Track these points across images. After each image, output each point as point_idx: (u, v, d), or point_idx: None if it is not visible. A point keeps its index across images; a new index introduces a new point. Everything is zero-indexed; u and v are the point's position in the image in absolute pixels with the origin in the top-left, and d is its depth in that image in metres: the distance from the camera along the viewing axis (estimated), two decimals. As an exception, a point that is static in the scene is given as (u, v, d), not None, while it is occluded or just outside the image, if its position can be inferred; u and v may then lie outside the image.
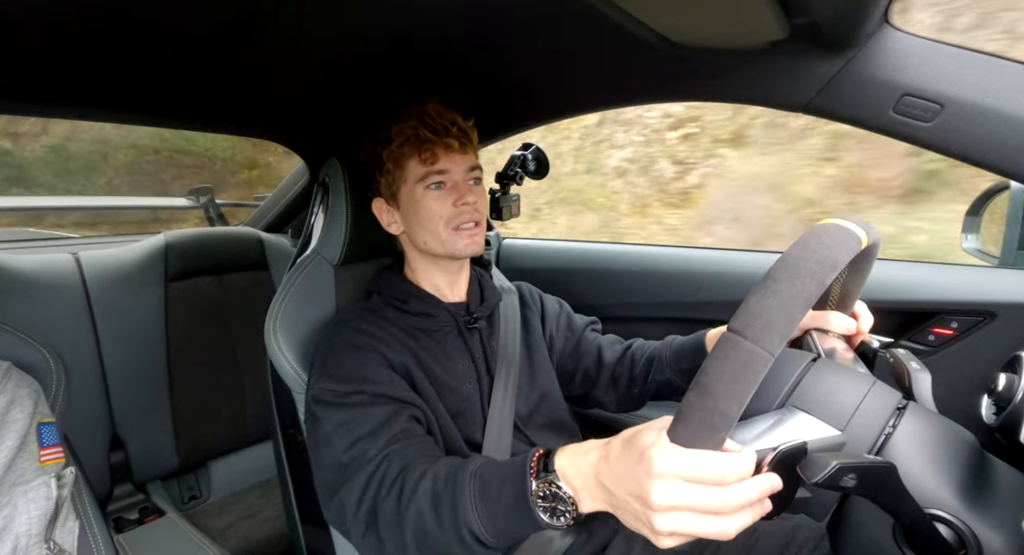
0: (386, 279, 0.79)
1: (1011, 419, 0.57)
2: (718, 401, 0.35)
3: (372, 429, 0.62)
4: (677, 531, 0.38)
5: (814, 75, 0.66)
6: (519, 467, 0.50)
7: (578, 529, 0.73)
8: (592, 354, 0.85)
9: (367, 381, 0.65)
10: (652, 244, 1.36)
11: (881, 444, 0.44)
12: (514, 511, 0.49)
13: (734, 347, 0.34)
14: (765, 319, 0.34)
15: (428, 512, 0.53)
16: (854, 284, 0.54)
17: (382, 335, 0.70)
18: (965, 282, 0.88)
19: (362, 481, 0.58)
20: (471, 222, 0.73)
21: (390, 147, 0.73)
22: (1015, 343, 0.77)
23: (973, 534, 0.40)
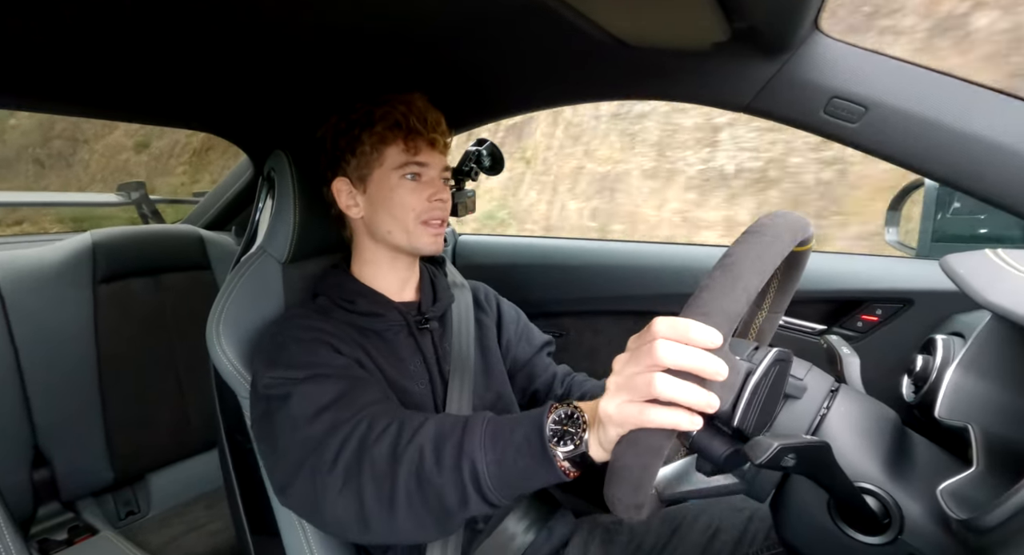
0: (332, 279, 0.77)
1: (928, 397, 0.62)
2: (743, 273, 0.38)
3: (339, 396, 0.59)
4: (674, 397, 0.38)
5: (753, 77, 0.70)
6: (539, 409, 0.50)
7: (538, 527, 0.73)
8: (546, 381, 0.84)
9: (323, 366, 0.63)
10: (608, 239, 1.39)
11: (817, 425, 0.47)
12: (525, 446, 0.48)
13: (757, 237, 0.40)
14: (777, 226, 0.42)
15: (429, 453, 0.51)
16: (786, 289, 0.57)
17: (332, 330, 0.68)
18: (887, 272, 0.96)
19: (339, 439, 0.55)
20: (440, 219, 0.73)
21: (372, 129, 0.71)
22: (931, 327, 0.84)
23: (896, 504, 0.43)
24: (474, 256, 1.42)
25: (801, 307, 1.01)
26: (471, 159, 1.23)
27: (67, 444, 1.14)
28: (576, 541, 0.75)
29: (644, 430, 0.39)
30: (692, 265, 1.14)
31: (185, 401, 1.33)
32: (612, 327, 1.22)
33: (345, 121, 0.73)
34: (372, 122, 0.71)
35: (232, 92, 0.91)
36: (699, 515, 0.73)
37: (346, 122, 0.73)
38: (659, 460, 0.39)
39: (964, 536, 0.38)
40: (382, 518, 0.52)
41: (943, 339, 0.69)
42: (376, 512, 0.52)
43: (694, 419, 0.39)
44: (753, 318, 0.58)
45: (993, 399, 0.45)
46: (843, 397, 0.49)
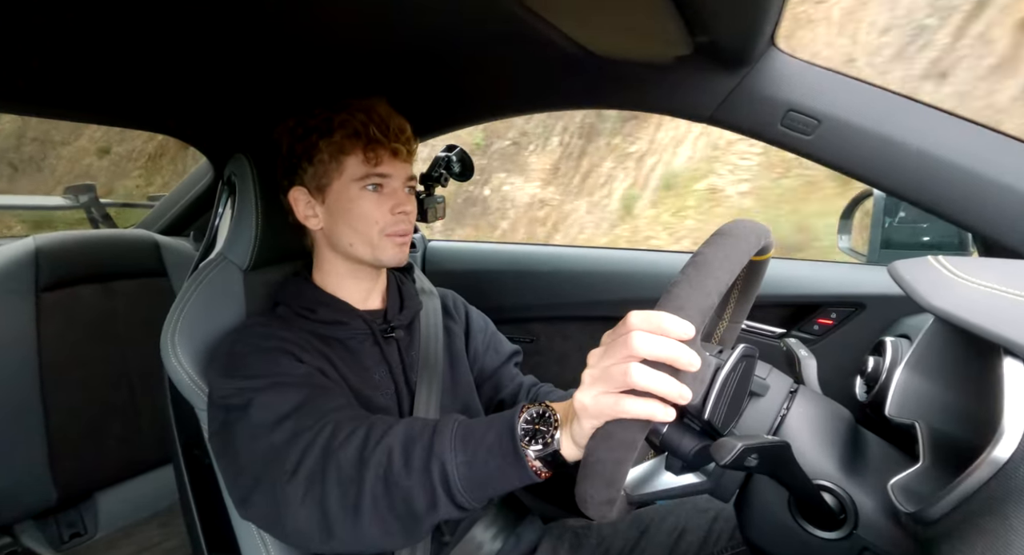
0: (292, 288, 0.74)
1: (879, 396, 0.65)
2: (713, 269, 0.39)
3: (301, 403, 0.57)
4: (649, 386, 0.38)
5: (715, 90, 0.73)
6: (510, 411, 0.50)
7: (506, 534, 0.73)
8: (512, 391, 0.83)
9: (283, 374, 0.61)
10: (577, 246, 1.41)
11: (778, 425, 0.49)
12: (496, 447, 0.48)
13: (725, 238, 0.42)
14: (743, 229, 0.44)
15: (398, 455, 0.50)
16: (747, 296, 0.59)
17: (293, 338, 0.66)
18: (841, 277, 1.00)
19: (301, 446, 0.54)
20: (404, 232, 0.71)
21: (331, 138, 0.68)
22: (881, 329, 0.88)
23: (851, 500, 0.45)
24: (444, 262, 1.41)
25: (761, 312, 1.05)
26: (441, 165, 1.22)
27: (4, 463, 1.07)
28: (545, 546, 0.75)
29: (618, 423, 0.39)
30: (659, 271, 1.16)
31: (138, 414, 1.27)
32: (581, 333, 1.23)
33: (302, 127, 0.70)
34: (331, 130, 0.68)
35: (192, 94, 0.88)
36: (666, 517, 0.74)
37: (303, 128, 0.70)
38: (632, 454, 0.39)
39: (913, 528, 0.40)
40: (347, 525, 0.51)
41: (892, 341, 0.72)
42: (341, 519, 0.51)
43: (668, 410, 0.39)
44: (715, 328, 0.60)
45: (937, 398, 0.47)
46: (802, 398, 0.51)
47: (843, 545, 0.45)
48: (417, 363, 0.75)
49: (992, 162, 0.62)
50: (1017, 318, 0.37)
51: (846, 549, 0.45)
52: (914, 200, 0.67)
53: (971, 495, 0.34)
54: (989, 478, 0.33)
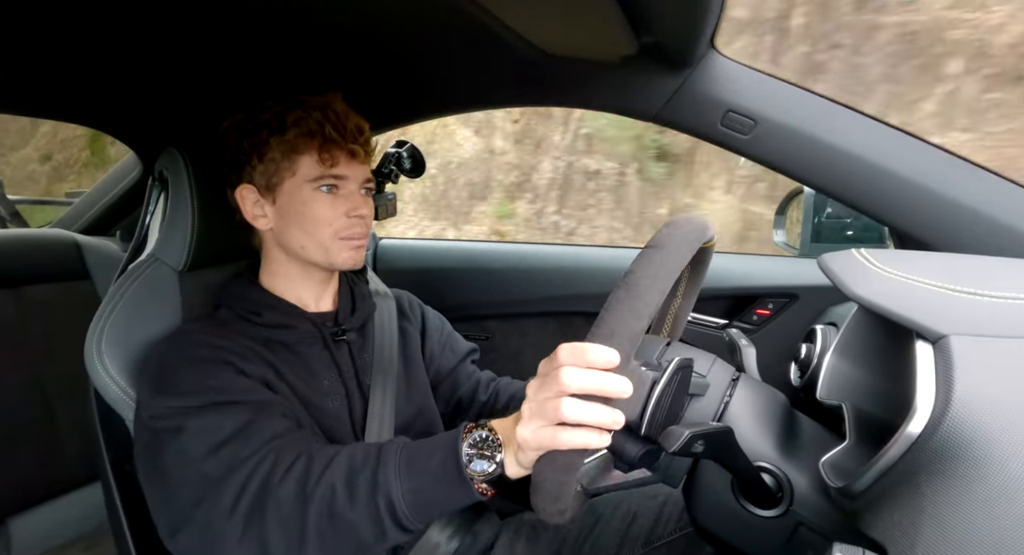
0: (235, 289, 0.70)
1: (811, 380, 0.70)
2: (643, 292, 0.40)
3: (240, 428, 0.54)
4: (581, 419, 0.40)
5: (660, 89, 0.75)
6: (453, 432, 0.50)
7: (463, 533, 0.72)
8: (470, 388, 0.83)
9: (220, 391, 0.57)
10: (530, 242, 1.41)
11: (721, 412, 0.51)
12: (441, 473, 0.48)
13: (656, 254, 0.42)
14: (676, 238, 0.44)
15: (341, 488, 0.49)
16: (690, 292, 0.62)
17: (233, 347, 0.62)
18: (776, 270, 1.06)
19: (239, 480, 0.51)
20: (360, 235, 0.68)
21: (283, 136, 0.65)
22: (813, 318, 0.95)
23: (787, 478, 0.48)
24: (396, 261, 1.39)
25: (705, 304, 1.10)
26: (391, 161, 1.20)
27: None
28: (502, 542, 0.76)
29: (559, 451, 0.42)
30: (612, 265, 1.19)
31: (58, 430, 1.16)
32: (537, 329, 1.24)
33: (252, 122, 0.66)
34: (283, 128, 0.65)
35: (118, 83, 0.81)
36: (619, 504, 0.77)
37: (253, 123, 0.66)
38: (574, 474, 0.42)
39: (840, 502, 0.43)
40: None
41: (822, 328, 0.78)
42: (283, 554, 0.49)
43: (603, 437, 0.41)
44: (668, 305, 0.62)
45: (861, 380, 0.51)
46: (743, 385, 0.54)
47: (781, 521, 0.48)
48: (370, 366, 0.73)
49: (906, 163, 0.68)
50: (927, 304, 0.40)
51: (783, 525, 0.48)
52: (839, 197, 0.72)
53: (889, 468, 0.37)
54: (904, 452, 0.36)
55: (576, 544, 0.74)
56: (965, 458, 0.33)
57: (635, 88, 0.76)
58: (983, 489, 0.31)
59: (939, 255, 0.54)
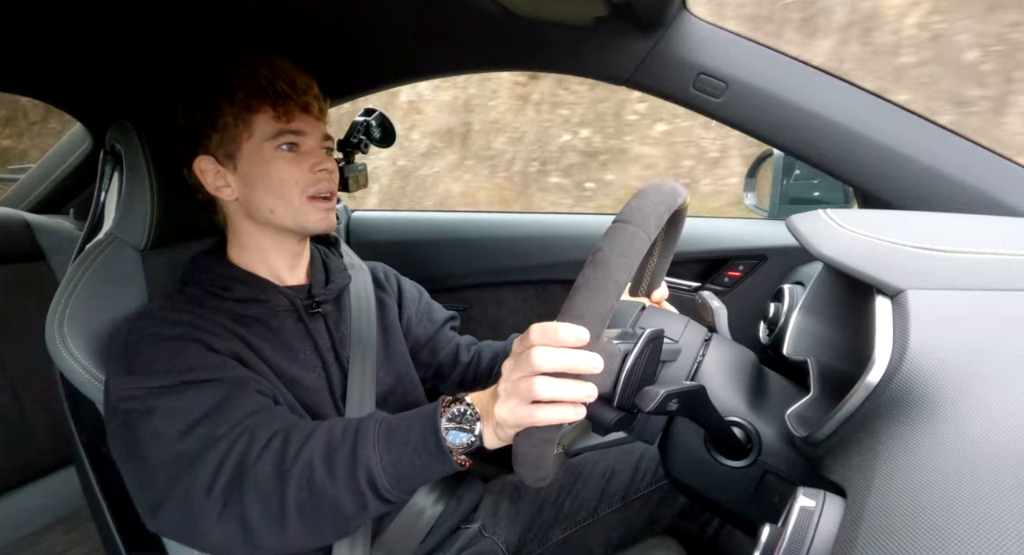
0: (203, 264, 0.68)
1: (778, 338, 0.73)
2: (611, 270, 0.40)
3: (214, 406, 0.54)
4: (554, 396, 0.42)
5: (632, 52, 0.74)
6: (431, 406, 0.51)
7: (447, 497, 0.74)
8: (450, 352, 0.83)
9: (190, 369, 0.56)
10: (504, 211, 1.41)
11: (694, 371, 0.53)
12: (420, 444, 0.49)
13: (623, 230, 0.42)
14: (644, 211, 0.43)
15: (320, 463, 0.50)
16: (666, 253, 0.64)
17: (202, 323, 0.60)
18: (746, 232, 1.09)
19: (215, 458, 0.51)
20: (328, 192, 0.67)
21: (233, 97, 0.63)
22: (780, 278, 0.98)
23: (756, 431, 0.51)
24: (370, 233, 1.36)
25: (678, 267, 1.12)
26: (359, 130, 1.16)
27: None
28: (486, 504, 0.78)
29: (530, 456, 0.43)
30: (586, 232, 1.19)
31: (25, 416, 1.13)
32: (514, 298, 1.25)
33: (198, 92, 0.64)
34: (231, 89, 0.63)
35: (63, 52, 0.75)
36: (597, 461, 0.80)
37: (199, 92, 0.64)
38: (552, 446, 0.44)
39: (804, 450, 0.46)
40: (272, 534, 0.50)
41: (789, 288, 0.80)
42: (265, 530, 0.50)
43: (578, 411, 0.43)
44: (645, 266, 0.64)
45: (825, 336, 0.54)
46: (715, 344, 0.56)
47: (750, 471, 0.51)
48: (348, 338, 0.72)
49: (871, 124, 0.69)
50: (886, 261, 0.42)
51: (752, 474, 0.51)
52: (807, 158, 0.73)
53: (849, 416, 0.39)
54: (863, 401, 0.38)
55: (557, 501, 0.77)
56: (918, 405, 0.35)
57: (607, 51, 0.75)
58: (932, 432, 0.33)
59: (900, 213, 0.56)
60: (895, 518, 0.29)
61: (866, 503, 0.32)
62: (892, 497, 0.31)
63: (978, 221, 0.52)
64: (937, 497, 0.29)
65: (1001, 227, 0.50)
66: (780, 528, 0.36)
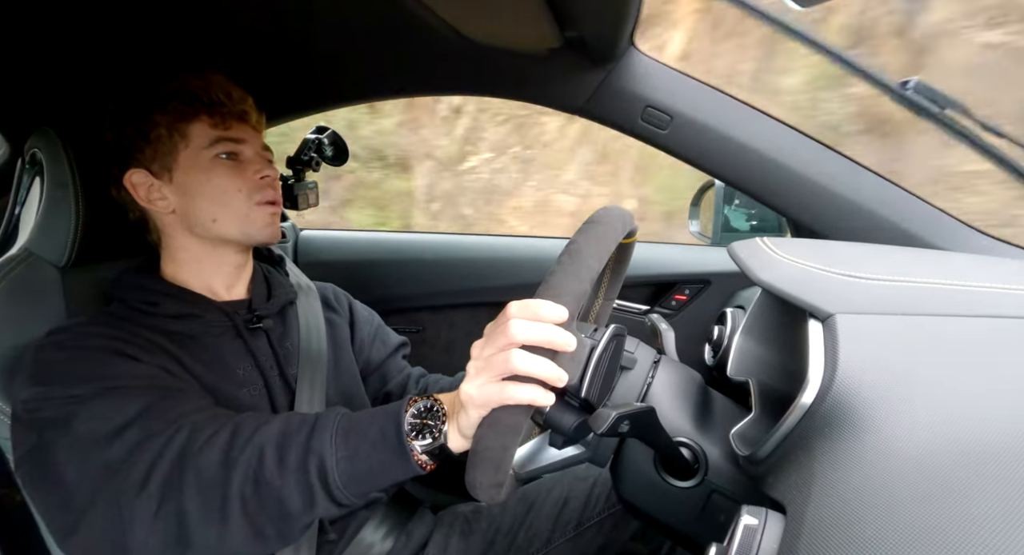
0: (130, 281, 0.64)
1: (722, 359, 0.76)
2: (585, 257, 0.43)
3: (148, 407, 0.50)
4: (530, 370, 0.41)
5: (584, 83, 0.77)
6: (397, 403, 0.49)
7: (397, 532, 0.71)
8: (400, 382, 0.81)
9: (114, 378, 0.52)
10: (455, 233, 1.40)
11: (644, 393, 0.54)
12: (380, 440, 0.46)
13: (595, 226, 0.46)
14: (611, 216, 0.47)
15: (271, 451, 0.47)
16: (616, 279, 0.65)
17: (124, 337, 0.56)
18: (692, 258, 1.14)
19: (151, 454, 0.47)
20: (272, 199, 0.65)
21: (166, 108, 0.60)
22: (724, 302, 1.02)
23: (703, 451, 0.52)
24: (319, 253, 1.32)
25: (628, 291, 1.15)
26: (311, 147, 1.13)
27: None
28: (436, 539, 0.75)
29: (504, 410, 0.41)
30: (540, 255, 1.21)
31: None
32: (468, 320, 1.24)
33: (128, 105, 0.61)
34: (164, 100, 0.61)
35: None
36: (551, 489, 0.79)
37: (130, 106, 0.61)
38: (517, 439, 0.42)
39: (747, 468, 0.48)
40: (210, 532, 0.46)
41: (731, 311, 0.84)
42: (202, 527, 0.46)
43: (549, 394, 0.42)
44: (591, 305, 0.65)
45: (764, 357, 0.56)
46: (664, 366, 0.57)
47: (697, 491, 0.52)
48: (294, 356, 0.69)
49: (802, 160, 0.75)
50: (818, 287, 0.45)
51: (699, 493, 0.52)
52: (745, 189, 0.78)
53: (787, 435, 0.41)
54: (799, 420, 0.40)
55: (510, 532, 0.76)
56: (848, 422, 0.37)
57: (561, 81, 0.78)
58: (861, 448, 0.35)
59: (829, 243, 0.60)
60: (831, 531, 0.31)
61: (804, 518, 0.33)
62: (827, 511, 0.32)
63: (895, 252, 0.57)
64: (868, 510, 0.30)
65: (914, 257, 0.55)
66: (726, 547, 0.37)
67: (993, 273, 0.48)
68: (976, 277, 0.46)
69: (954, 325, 0.40)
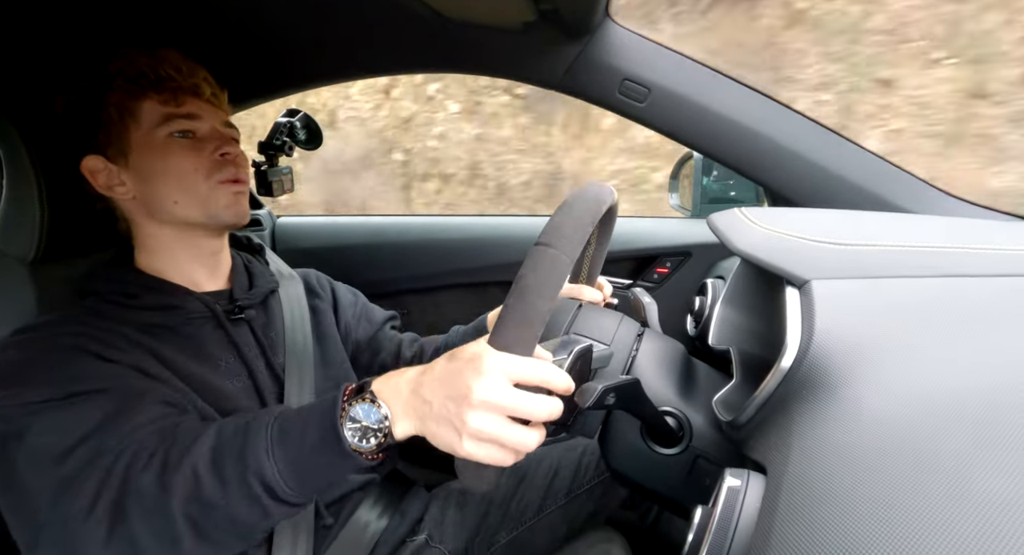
0: (104, 274, 0.61)
1: (704, 329, 0.77)
2: (534, 299, 0.39)
3: (105, 419, 0.48)
4: (485, 432, 0.39)
5: (560, 57, 0.76)
6: (329, 400, 0.45)
7: (392, 510, 0.72)
8: (391, 351, 0.81)
9: (79, 381, 0.50)
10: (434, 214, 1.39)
11: (629, 366, 0.55)
12: (320, 445, 0.44)
13: (543, 255, 0.40)
14: (564, 231, 0.41)
15: (206, 471, 0.44)
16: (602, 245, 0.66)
17: (96, 334, 0.54)
18: (672, 231, 1.15)
19: (97, 475, 0.45)
20: (236, 178, 0.62)
21: (111, 87, 0.58)
22: (704, 273, 1.04)
23: (687, 419, 0.53)
24: (297, 240, 1.30)
25: (610, 266, 1.16)
26: (283, 131, 1.10)
27: None
28: (431, 514, 0.77)
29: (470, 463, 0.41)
30: (524, 234, 1.21)
31: None
32: (453, 301, 1.24)
33: (76, 89, 0.59)
34: (110, 80, 0.58)
35: None
36: (541, 460, 0.81)
37: (77, 89, 0.59)
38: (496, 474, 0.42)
39: (730, 433, 0.49)
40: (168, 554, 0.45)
41: (712, 282, 0.86)
42: (158, 550, 0.44)
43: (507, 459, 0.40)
44: (583, 255, 0.65)
45: (744, 326, 0.58)
46: (647, 339, 0.58)
47: (682, 457, 0.54)
48: (279, 346, 0.68)
49: (778, 129, 0.75)
50: (794, 254, 0.46)
51: (685, 460, 0.54)
52: (723, 160, 0.79)
53: (767, 399, 0.42)
54: (779, 384, 0.41)
55: (503, 504, 0.77)
56: (824, 384, 0.38)
57: (537, 56, 0.76)
58: (837, 408, 0.36)
59: (804, 211, 0.61)
60: (809, 488, 0.32)
61: (783, 478, 0.35)
62: (805, 470, 0.34)
63: (868, 217, 0.58)
64: (843, 466, 0.32)
65: (886, 222, 0.56)
66: (711, 508, 0.38)
67: (961, 234, 0.49)
68: (945, 239, 0.47)
69: (925, 286, 0.42)
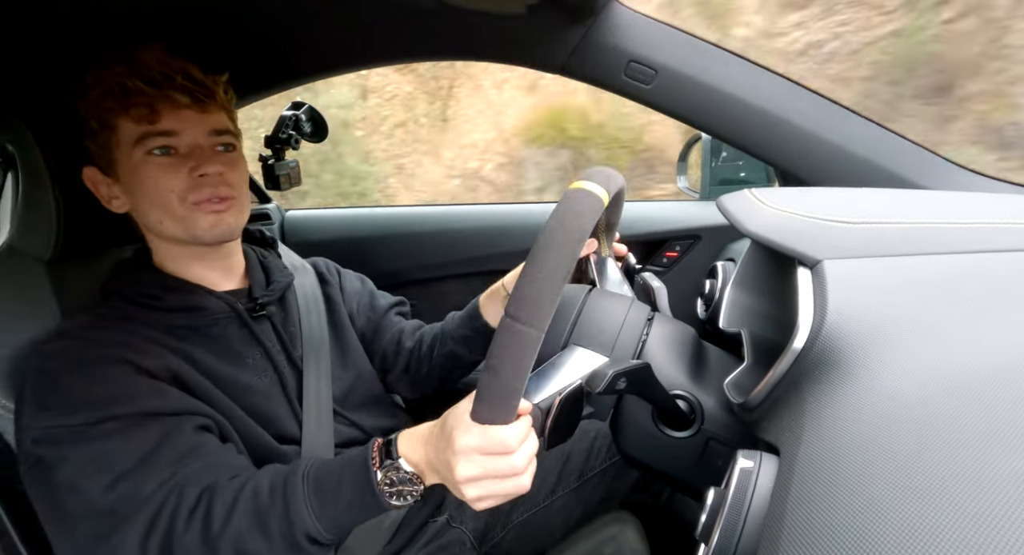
0: (126, 273, 0.62)
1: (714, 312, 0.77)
2: (506, 378, 0.40)
3: (143, 457, 0.50)
4: (484, 496, 0.43)
5: (564, 40, 0.75)
6: (360, 460, 0.49)
7: None
8: (392, 339, 0.81)
9: (118, 401, 0.51)
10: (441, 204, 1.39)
11: (640, 350, 0.55)
12: (357, 503, 0.48)
13: (509, 331, 0.39)
14: (533, 301, 0.38)
15: (252, 532, 0.48)
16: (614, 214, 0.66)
17: (128, 340, 0.55)
18: (681, 214, 1.14)
19: (142, 525, 0.48)
20: (215, 197, 0.59)
21: (87, 100, 0.57)
22: (714, 256, 1.03)
23: (699, 402, 0.53)
24: (306, 233, 1.31)
25: (621, 251, 1.15)
26: (288, 125, 1.11)
27: None
28: (450, 498, 0.78)
29: None
30: (527, 221, 1.21)
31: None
32: (460, 290, 1.25)
33: (66, 94, 0.59)
34: (85, 91, 0.57)
35: None
36: None
37: (67, 95, 0.59)
38: None
39: (742, 415, 0.49)
40: None
41: (722, 264, 0.85)
42: None
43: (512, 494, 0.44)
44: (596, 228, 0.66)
45: (755, 308, 0.57)
46: (657, 323, 0.58)
47: (694, 440, 0.54)
48: (298, 337, 0.70)
49: (788, 108, 0.74)
50: (806, 235, 0.45)
51: (696, 443, 0.54)
52: (732, 141, 0.77)
53: (779, 381, 0.42)
54: (791, 365, 0.41)
55: None
56: (837, 364, 0.38)
57: (541, 40, 0.75)
58: (850, 389, 0.36)
59: (815, 190, 0.61)
60: (821, 469, 0.32)
61: (796, 458, 0.35)
62: (818, 450, 0.34)
63: (880, 194, 0.57)
64: (856, 444, 0.32)
65: (899, 198, 0.55)
66: (723, 490, 0.39)
67: (975, 209, 0.48)
68: (959, 214, 0.46)
69: (939, 262, 0.41)
